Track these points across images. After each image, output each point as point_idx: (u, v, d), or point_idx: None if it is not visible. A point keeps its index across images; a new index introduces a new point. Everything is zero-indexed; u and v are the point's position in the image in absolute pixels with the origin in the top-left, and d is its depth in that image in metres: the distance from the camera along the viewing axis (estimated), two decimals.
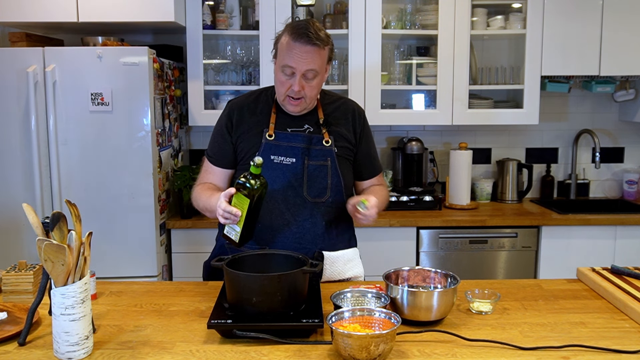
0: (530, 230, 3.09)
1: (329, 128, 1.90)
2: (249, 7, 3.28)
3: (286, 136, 1.86)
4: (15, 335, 1.41)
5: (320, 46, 1.76)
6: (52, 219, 1.30)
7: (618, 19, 3.18)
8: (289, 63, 1.76)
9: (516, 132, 3.65)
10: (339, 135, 1.91)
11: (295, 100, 1.82)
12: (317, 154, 1.86)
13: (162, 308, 1.65)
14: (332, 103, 1.97)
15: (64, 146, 2.75)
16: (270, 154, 1.85)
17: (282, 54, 1.78)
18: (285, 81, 1.80)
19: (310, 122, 1.90)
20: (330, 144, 1.88)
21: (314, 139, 1.87)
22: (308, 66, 1.76)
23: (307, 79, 1.79)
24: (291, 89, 1.80)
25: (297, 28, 1.76)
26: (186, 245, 3.04)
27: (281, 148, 1.85)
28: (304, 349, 1.36)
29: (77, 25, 2.94)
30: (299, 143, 1.86)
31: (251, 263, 1.60)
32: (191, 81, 3.18)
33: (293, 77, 1.78)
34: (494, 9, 3.34)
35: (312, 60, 1.76)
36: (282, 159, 1.85)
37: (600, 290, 1.75)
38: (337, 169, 1.88)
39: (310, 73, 1.78)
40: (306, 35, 1.74)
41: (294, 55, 1.75)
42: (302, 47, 1.74)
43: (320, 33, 1.77)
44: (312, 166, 1.85)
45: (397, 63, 3.36)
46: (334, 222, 1.91)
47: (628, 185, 3.63)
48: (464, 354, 1.34)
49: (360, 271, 1.99)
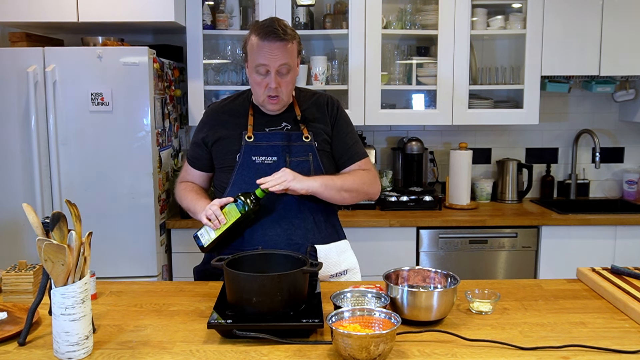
0: (530, 230, 3.09)
1: (307, 124, 1.93)
2: (249, 7, 3.28)
3: (265, 136, 1.90)
4: (15, 335, 1.41)
5: (289, 40, 1.82)
6: (52, 219, 1.30)
7: (618, 19, 3.18)
8: (261, 61, 1.81)
9: (516, 132, 3.65)
10: (317, 129, 1.94)
11: (274, 98, 1.86)
12: (298, 150, 1.89)
13: (162, 308, 1.65)
14: (308, 99, 2.00)
15: (64, 146, 2.75)
16: (252, 155, 1.88)
17: (253, 54, 1.83)
18: (261, 81, 1.84)
19: (287, 119, 1.94)
20: (310, 139, 1.91)
21: (293, 135, 1.90)
22: (280, 61, 1.81)
23: (282, 75, 1.84)
24: (268, 87, 1.84)
25: (263, 27, 1.81)
26: (186, 245, 3.04)
27: (261, 148, 1.89)
28: (304, 349, 1.36)
29: (77, 25, 2.94)
30: (278, 141, 1.89)
31: (251, 263, 1.60)
32: (191, 81, 3.18)
33: (268, 75, 1.83)
34: (494, 9, 3.34)
35: (283, 55, 1.81)
36: (264, 158, 1.88)
37: (600, 290, 1.75)
38: (320, 163, 1.91)
39: (284, 68, 1.83)
40: (273, 32, 1.79)
41: (264, 53, 1.80)
42: (271, 44, 1.79)
43: (287, 29, 1.83)
44: (294, 162, 1.88)
45: (397, 63, 3.36)
46: (322, 216, 1.94)
47: (628, 185, 3.63)
48: (464, 354, 1.34)
49: (354, 262, 2.01)
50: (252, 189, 1.80)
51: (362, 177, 1.95)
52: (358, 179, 1.93)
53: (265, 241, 1.85)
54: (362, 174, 1.96)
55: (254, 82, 1.87)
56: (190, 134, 3.57)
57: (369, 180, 1.96)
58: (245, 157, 1.88)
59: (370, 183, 1.96)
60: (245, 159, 1.89)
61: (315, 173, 1.89)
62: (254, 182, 1.81)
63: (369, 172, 1.99)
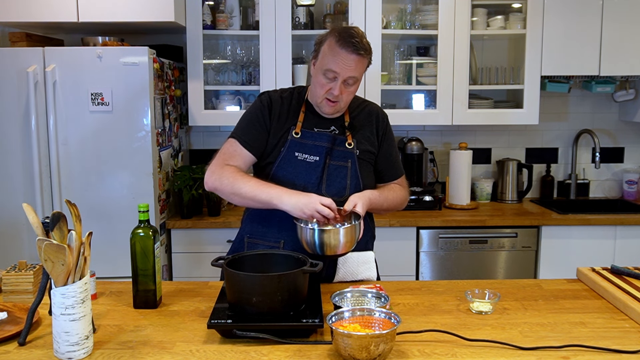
0: (530, 230, 3.09)
1: (353, 131, 1.94)
2: (249, 7, 3.28)
3: (312, 135, 1.90)
4: (15, 335, 1.41)
5: (364, 55, 1.81)
6: (52, 219, 1.30)
7: (618, 19, 3.18)
8: (333, 68, 1.80)
9: (516, 132, 3.65)
10: (362, 138, 1.95)
11: (333, 102, 1.86)
12: (339, 154, 1.90)
13: (162, 308, 1.65)
14: (357, 107, 2.01)
15: (64, 146, 2.75)
16: (295, 151, 1.88)
17: (326, 58, 1.82)
18: (325, 84, 1.84)
19: (336, 124, 1.94)
20: (353, 147, 1.91)
21: (338, 140, 1.90)
22: (351, 73, 1.81)
23: (347, 85, 1.84)
24: (330, 92, 1.83)
25: (344, 34, 1.80)
26: (186, 245, 3.04)
27: (306, 146, 1.89)
28: (304, 349, 1.36)
29: (77, 25, 2.94)
30: (323, 142, 1.89)
31: (251, 263, 1.60)
32: (191, 81, 3.18)
33: (334, 82, 1.82)
34: (494, 9, 3.34)
35: (355, 68, 1.81)
36: (306, 156, 1.88)
37: (600, 290, 1.75)
38: (357, 171, 1.91)
39: (351, 80, 1.83)
40: (352, 44, 1.78)
41: (338, 61, 1.79)
42: (347, 55, 1.78)
43: (364, 42, 1.82)
44: (332, 165, 1.89)
45: (397, 63, 3.36)
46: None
47: (628, 185, 3.63)
48: (464, 354, 1.34)
49: (373, 275, 1.98)
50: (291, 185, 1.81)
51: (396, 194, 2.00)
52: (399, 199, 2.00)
53: (289, 238, 1.85)
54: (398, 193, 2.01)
55: (317, 83, 1.86)
56: (191, 134, 3.57)
57: (405, 198, 2.05)
58: (289, 151, 1.88)
59: (405, 201, 2.05)
60: (288, 153, 1.88)
61: (351, 180, 1.90)
62: (293, 177, 1.84)
63: (401, 188, 2.05)
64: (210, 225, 3.00)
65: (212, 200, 3.11)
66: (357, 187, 1.90)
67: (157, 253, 1.64)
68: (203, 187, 3.05)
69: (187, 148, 3.57)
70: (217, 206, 3.13)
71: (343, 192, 1.88)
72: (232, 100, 3.33)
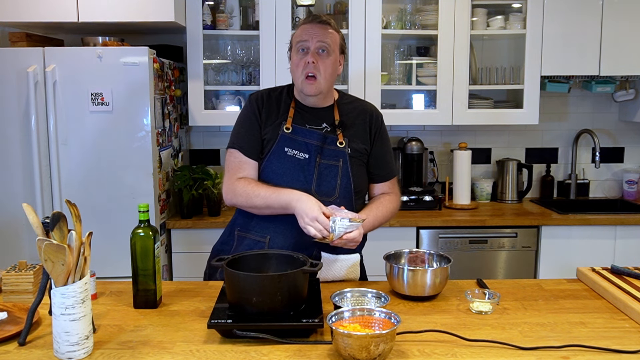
0: (530, 230, 3.09)
1: (344, 130, 1.93)
2: (249, 7, 3.29)
3: (303, 132, 1.89)
4: (15, 335, 1.41)
5: (331, 26, 1.88)
6: (52, 219, 1.30)
7: (618, 19, 3.18)
8: (302, 37, 1.87)
9: (516, 132, 3.65)
10: (354, 136, 1.94)
11: (311, 79, 1.86)
12: (330, 153, 1.89)
13: (162, 308, 1.65)
14: (349, 104, 2.00)
15: (64, 146, 2.75)
16: (285, 147, 1.88)
17: (296, 37, 1.90)
18: (299, 61, 1.87)
19: (327, 121, 1.94)
20: (344, 146, 1.90)
21: (328, 138, 1.90)
22: (319, 38, 1.85)
23: (321, 55, 1.86)
24: (306, 64, 1.85)
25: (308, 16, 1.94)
26: (186, 245, 3.04)
27: (297, 142, 1.88)
28: (304, 349, 1.36)
29: (77, 25, 2.94)
30: (314, 140, 1.89)
31: (251, 263, 1.60)
32: (191, 81, 3.18)
33: (307, 55, 1.86)
34: (494, 9, 3.34)
35: (322, 34, 1.86)
36: (296, 152, 1.87)
37: (600, 290, 1.75)
38: (348, 171, 1.90)
39: (323, 47, 1.86)
40: (315, 17, 1.90)
41: (305, 31, 1.88)
42: (312, 25, 1.87)
43: (330, 21, 1.91)
44: (323, 165, 1.88)
45: (397, 63, 3.36)
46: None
47: (628, 185, 3.63)
48: (464, 354, 1.34)
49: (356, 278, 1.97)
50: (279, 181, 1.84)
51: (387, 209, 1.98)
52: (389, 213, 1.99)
53: (276, 234, 1.85)
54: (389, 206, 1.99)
55: (294, 65, 1.89)
56: (191, 134, 3.57)
57: (395, 208, 2.03)
58: (278, 147, 1.87)
59: (395, 210, 2.03)
60: (278, 149, 1.87)
61: (342, 180, 1.89)
62: (282, 172, 1.84)
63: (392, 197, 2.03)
64: (210, 225, 3.00)
65: (212, 200, 3.11)
66: (347, 187, 1.89)
67: (157, 253, 1.64)
68: (203, 187, 3.08)
69: (187, 148, 3.57)
70: (217, 206, 3.13)
71: (333, 191, 1.87)
72: (232, 100, 3.33)
